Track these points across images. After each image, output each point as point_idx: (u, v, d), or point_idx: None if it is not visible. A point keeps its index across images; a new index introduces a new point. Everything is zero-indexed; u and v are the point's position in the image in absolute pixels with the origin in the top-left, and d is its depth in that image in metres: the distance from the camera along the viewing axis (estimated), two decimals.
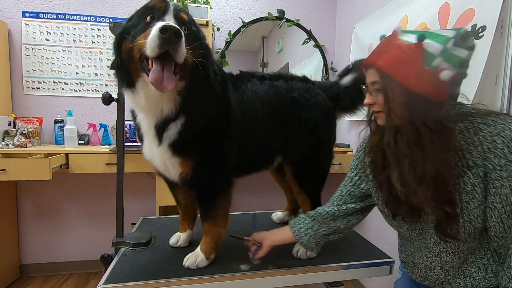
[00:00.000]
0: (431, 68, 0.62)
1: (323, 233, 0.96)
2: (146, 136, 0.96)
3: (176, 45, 0.72)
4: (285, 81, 1.14)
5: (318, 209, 1.00)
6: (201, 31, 0.88)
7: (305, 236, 0.97)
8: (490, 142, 0.60)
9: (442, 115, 0.65)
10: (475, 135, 0.62)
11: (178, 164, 0.95)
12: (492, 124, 0.61)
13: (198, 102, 0.90)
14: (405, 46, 0.64)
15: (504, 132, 0.60)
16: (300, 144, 1.12)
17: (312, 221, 0.98)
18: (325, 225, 0.96)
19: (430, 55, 0.62)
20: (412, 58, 0.63)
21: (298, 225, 0.99)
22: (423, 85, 0.63)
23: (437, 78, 0.62)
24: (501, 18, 1.08)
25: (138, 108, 0.91)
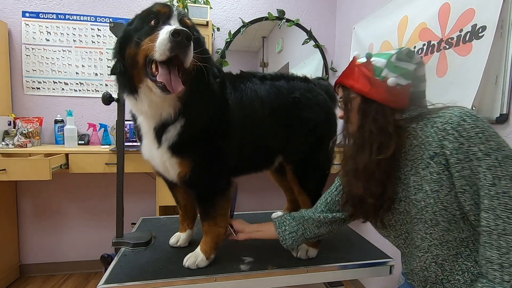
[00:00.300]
0: (380, 78, 0.76)
1: (305, 237, 0.98)
2: (146, 137, 0.97)
3: (187, 48, 0.73)
4: (286, 81, 1.14)
5: (303, 212, 1.01)
6: (202, 36, 0.89)
7: (289, 239, 0.98)
8: (443, 130, 0.67)
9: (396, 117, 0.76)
10: (431, 128, 0.70)
11: (177, 164, 0.95)
12: (442, 115, 0.69)
13: (198, 105, 0.91)
14: (359, 64, 0.79)
15: (452, 119, 0.67)
16: (301, 144, 1.12)
17: (297, 224, 0.99)
18: (309, 230, 0.98)
19: (377, 68, 0.76)
20: (364, 72, 0.77)
21: (283, 227, 1.00)
22: (376, 92, 0.76)
23: (387, 85, 0.75)
24: (501, 18, 1.08)
25: (139, 112, 0.92)
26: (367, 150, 0.76)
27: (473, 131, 0.63)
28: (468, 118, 0.65)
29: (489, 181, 0.62)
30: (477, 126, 0.64)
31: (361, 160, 0.77)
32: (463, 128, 0.64)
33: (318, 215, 0.97)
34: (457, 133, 0.65)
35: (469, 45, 1.20)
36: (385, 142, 0.74)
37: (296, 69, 2.52)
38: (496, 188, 0.61)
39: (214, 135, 0.97)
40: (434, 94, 1.37)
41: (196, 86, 0.86)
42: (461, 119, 0.65)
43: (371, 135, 0.76)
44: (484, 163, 0.62)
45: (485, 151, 0.62)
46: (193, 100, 0.88)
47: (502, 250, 0.60)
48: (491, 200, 0.61)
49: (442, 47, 1.34)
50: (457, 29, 1.26)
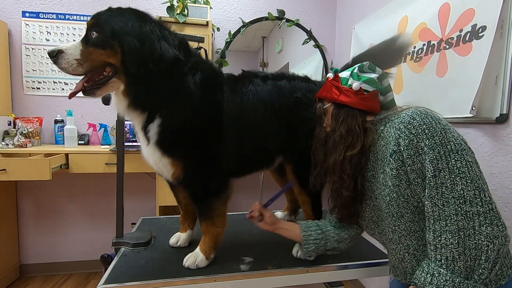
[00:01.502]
0: (347, 86, 0.88)
1: (326, 248, 1.00)
2: (139, 136, 1.02)
3: (54, 60, 0.83)
4: (288, 81, 1.14)
5: (327, 224, 1.03)
6: (119, 28, 0.85)
7: (312, 245, 0.99)
8: (398, 129, 0.73)
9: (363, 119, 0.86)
10: (392, 129, 0.77)
11: (169, 164, 0.97)
12: (399, 116, 0.76)
13: (171, 105, 0.93)
14: (330, 79, 0.93)
15: (404, 118, 0.73)
16: (302, 144, 1.12)
17: (323, 233, 1.00)
18: (330, 242, 1.00)
19: (344, 79, 0.90)
20: (335, 83, 0.90)
21: (309, 232, 1.00)
22: (345, 96, 0.87)
23: (353, 90, 0.86)
24: (501, 18, 1.08)
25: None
26: (338, 150, 0.86)
27: (420, 128, 0.69)
28: (417, 116, 0.71)
29: (431, 173, 0.67)
30: (424, 123, 0.69)
31: (334, 158, 0.87)
32: (412, 125, 0.70)
33: (339, 231, 1.00)
34: (408, 131, 0.71)
35: (469, 45, 1.20)
36: (352, 141, 0.84)
37: (296, 69, 2.52)
38: (436, 179, 0.67)
39: (202, 137, 0.98)
40: (434, 94, 1.38)
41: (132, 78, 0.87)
42: (411, 117, 0.72)
43: (341, 137, 0.85)
44: (428, 156, 0.68)
45: (429, 145, 0.68)
46: (162, 99, 0.92)
47: (436, 233, 0.67)
48: (430, 190, 0.68)
49: (442, 47, 1.34)
50: (457, 29, 1.26)
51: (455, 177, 0.65)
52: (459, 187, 0.65)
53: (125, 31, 0.84)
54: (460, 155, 0.66)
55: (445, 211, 0.66)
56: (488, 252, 0.62)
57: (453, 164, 0.66)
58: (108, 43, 0.84)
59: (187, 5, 2.06)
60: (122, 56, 0.85)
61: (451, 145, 0.67)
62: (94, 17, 0.86)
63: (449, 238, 0.65)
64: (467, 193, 0.64)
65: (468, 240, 0.63)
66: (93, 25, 0.85)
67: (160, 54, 0.86)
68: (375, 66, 0.90)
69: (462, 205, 0.64)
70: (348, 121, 0.86)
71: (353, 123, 0.85)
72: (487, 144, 1.18)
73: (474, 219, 0.63)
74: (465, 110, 1.19)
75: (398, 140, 0.73)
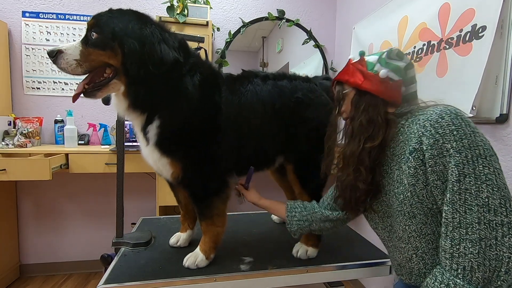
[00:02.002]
0: (373, 72, 0.81)
1: (311, 228, 1.03)
2: (138, 137, 1.02)
3: (53, 60, 0.84)
4: (289, 81, 1.14)
5: (315, 206, 1.04)
6: (120, 30, 0.85)
7: (295, 225, 1.04)
8: (423, 127, 0.70)
9: (386, 110, 0.81)
10: (415, 125, 0.73)
11: (168, 164, 0.97)
12: (425, 113, 0.72)
13: (170, 106, 0.93)
14: (353, 62, 0.86)
15: (431, 116, 0.69)
16: (302, 144, 1.12)
17: (307, 214, 1.03)
18: (316, 223, 1.02)
19: (370, 63, 0.83)
20: (359, 67, 0.84)
21: (293, 212, 1.05)
22: (370, 83, 0.81)
23: (379, 77, 0.80)
24: (501, 18, 1.08)
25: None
26: (356, 140, 0.81)
27: (448, 128, 0.65)
28: (446, 115, 0.67)
29: (455, 177, 0.64)
30: (453, 124, 0.65)
31: (351, 148, 0.82)
32: (440, 125, 0.67)
33: (327, 211, 1.01)
34: (434, 130, 0.67)
35: (469, 45, 1.20)
36: (373, 132, 0.79)
37: (296, 69, 2.52)
38: (460, 185, 0.63)
39: (200, 137, 0.98)
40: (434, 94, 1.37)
41: (132, 79, 0.87)
42: (439, 116, 0.67)
43: (361, 126, 0.80)
44: (454, 159, 0.64)
45: (456, 148, 0.64)
46: (161, 101, 0.92)
47: (455, 241, 0.64)
48: (453, 195, 0.64)
49: (442, 47, 1.34)
50: (457, 29, 1.26)
51: (481, 184, 0.62)
52: (484, 195, 0.61)
53: (126, 33, 0.85)
54: (488, 161, 0.63)
55: (466, 219, 0.62)
56: (509, 264, 0.60)
57: (480, 170, 0.62)
58: (108, 44, 0.84)
59: (187, 5, 2.06)
60: (123, 57, 0.85)
61: (480, 150, 0.63)
62: (94, 18, 0.86)
63: (469, 247, 0.62)
64: (492, 202, 0.61)
65: (489, 250, 0.60)
66: (93, 25, 0.86)
67: (160, 56, 0.86)
68: (403, 54, 0.84)
69: (486, 214, 0.61)
70: (370, 110, 0.80)
71: (375, 112, 0.79)
72: None
73: (497, 229, 0.60)
74: (465, 110, 1.18)
75: (421, 138, 0.69)
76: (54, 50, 0.82)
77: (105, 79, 0.88)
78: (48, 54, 0.83)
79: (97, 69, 0.88)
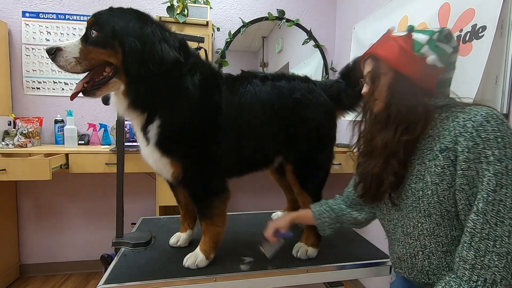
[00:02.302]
0: (419, 54, 0.71)
1: (343, 226, 1.03)
2: (138, 137, 1.02)
3: (52, 58, 0.83)
4: (287, 81, 1.14)
5: (342, 205, 1.02)
6: (121, 28, 0.85)
7: (328, 230, 1.01)
8: (462, 127, 0.65)
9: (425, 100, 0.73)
10: (451, 122, 0.68)
11: (168, 164, 0.97)
12: (468, 112, 0.67)
13: (170, 106, 0.93)
14: (397, 37, 0.74)
15: (476, 117, 0.64)
16: (301, 144, 1.12)
17: (337, 217, 1.00)
18: (346, 223, 1.01)
19: (418, 43, 0.72)
20: (403, 45, 0.72)
21: (323, 218, 1.01)
22: (413, 68, 0.71)
23: (425, 63, 0.71)
24: (501, 18, 1.08)
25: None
26: (391, 130, 0.73)
27: (493, 134, 0.62)
28: (492, 120, 0.63)
29: (491, 187, 0.61)
30: (499, 130, 0.62)
31: (383, 138, 0.75)
32: (484, 129, 0.63)
33: (355, 213, 0.99)
34: (476, 133, 0.63)
35: (469, 45, 1.20)
36: (413, 123, 0.71)
37: (296, 69, 2.52)
38: (495, 195, 0.60)
39: (200, 137, 0.98)
40: None
41: (132, 78, 0.87)
42: (485, 119, 0.63)
43: (399, 114, 0.73)
44: (493, 167, 0.61)
45: (498, 156, 0.61)
46: (161, 100, 0.92)
47: (480, 253, 0.61)
48: (486, 205, 0.61)
49: None
50: (457, 29, 1.26)
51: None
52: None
53: (127, 32, 0.84)
54: None
55: (496, 231, 0.60)
56: None
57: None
58: (108, 42, 0.84)
59: (187, 5, 2.06)
60: (123, 56, 0.85)
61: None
62: (94, 16, 0.86)
63: (495, 260, 0.59)
64: None
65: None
66: (94, 23, 0.85)
67: (161, 56, 0.86)
68: (452, 35, 0.74)
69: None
70: (410, 97, 0.72)
71: (416, 101, 0.72)
72: None
73: None
74: None
75: (458, 138, 0.65)
76: (53, 47, 0.82)
77: (105, 78, 0.88)
78: (46, 51, 0.83)
79: (97, 68, 0.87)
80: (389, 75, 0.75)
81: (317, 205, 1.05)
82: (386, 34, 0.78)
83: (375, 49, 0.78)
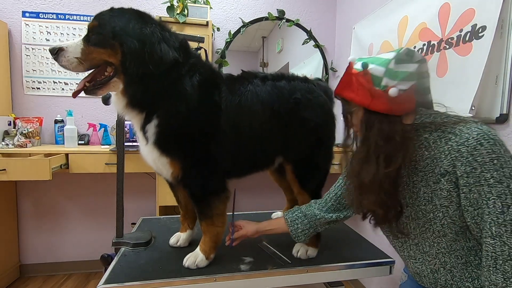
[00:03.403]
0: (381, 88, 0.70)
1: (316, 231, 1.05)
2: (138, 136, 1.03)
3: (55, 57, 0.85)
4: (287, 81, 1.14)
5: (314, 210, 1.03)
6: (120, 29, 0.86)
7: (302, 236, 1.03)
8: (457, 151, 0.65)
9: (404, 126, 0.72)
10: (445, 145, 0.68)
11: (167, 164, 0.98)
12: (459, 134, 0.67)
13: (168, 106, 0.94)
14: (356, 74, 0.74)
15: (468, 141, 0.64)
16: (301, 144, 1.12)
17: (309, 222, 1.03)
18: (320, 227, 1.04)
19: (376, 78, 0.71)
20: (363, 83, 0.72)
21: (295, 225, 1.03)
22: (378, 103, 0.71)
23: (389, 96, 0.70)
24: (501, 18, 1.08)
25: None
26: (373, 163, 0.72)
27: (489, 157, 0.62)
28: (485, 142, 0.63)
29: (498, 209, 0.61)
30: (493, 152, 0.62)
31: (368, 174, 0.73)
32: (479, 153, 0.63)
33: (331, 215, 1.00)
34: (472, 157, 0.63)
35: (469, 45, 1.20)
36: (392, 153, 0.71)
37: (296, 69, 2.52)
38: (505, 216, 0.61)
39: (199, 137, 0.98)
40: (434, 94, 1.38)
41: (130, 77, 0.88)
42: (478, 142, 0.63)
43: (377, 147, 0.72)
44: (495, 190, 0.61)
45: (497, 178, 0.61)
46: (160, 100, 0.93)
47: (507, 274, 0.61)
48: (498, 227, 0.62)
49: (442, 47, 1.34)
50: (457, 29, 1.26)
51: None
52: None
53: (126, 32, 0.85)
54: None
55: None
56: None
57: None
58: (108, 42, 0.85)
59: (187, 5, 2.06)
60: (122, 56, 0.86)
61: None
62: (96, 17, 0.88)
63: None
64: None
65: None
66: (95, 24, 0.86)
67: (160, 56, 0.87)
68: (413, 51, 0.73)
69: None
70: (385, 128, 0.71)
71: (391, 130, 0.71)
72: None
73: None
74: (464, 110, 1.19)
75: (455, 162, 0.65)
76: (56, 47, 0.83)
77: (106, 78, 0.89)
78: (49, 51, 0.85)
79: (99, 68, 0.89)
80: (360, 111, 0.75)
81: (290, 212, 1.08)
82: (347, 70, 0.77)
83: (342, 90, 0.78)
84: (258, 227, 1.09)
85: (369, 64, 0.72)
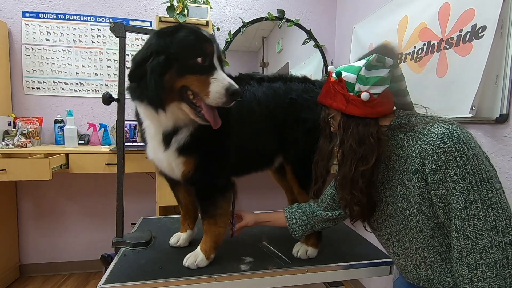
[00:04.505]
0: (354, 93, 0.77)
1: (314, 229, 1.08)
2: (152, 140, 1.01)
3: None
4: (283, 82, 1.15)
5: (312, 208, 1.08)
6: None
7: (299, 231, 1.07)
8: (424, 150, 0.69)
9: (378, 127, 0.78)
10: (416, 144, 0.72)
11: (182, 163, 0.98)
12: (426, 133, 0.70)
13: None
14: (333, 82, 0.81)
15: (433, 140, 0.68)
16: (300, 144, 1.12)
17: (307, 218, 1.07)
18: (317, 224, 1.07)
19: (349, 84, 0.78)
20: (339, 89, 0.79)
21: (294, 220, 1.08)
22: (353, 107, 0.77)
23: (361, 100, 0.76)
24: (501, 18, 1.08)
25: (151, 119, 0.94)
26: (348, 163, 0.79)
27: (451, 155, 0.65)
28: (449, 140, 0.66)
29: (461, 204, 0.64)
30: (456, 150, 0.65)
31: (344, 171, 0.81)
32: (442, 151, 0.66)
33: (327, 213, 1.05)
34: (436, 156, 0.66)
35: (469, 45, 1.20)
36: (366, 154, 0.76)
37: (296, 69, 2.52)
38: (467, 211, 0.64)
39: (220, 135, 0.98)
40: (434, 94, 1.38)
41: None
42: (441, 141, 0.66)
43: (351, 149, 0.78)
44: (459, 186, 0.64)
45: (460, 175, 0.64)
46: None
47: (471, 266, 0.64)
48: (462, 222, 0.65)
49: (442, 47, 1.34)
50: (457, 29, 1.26)
51: (487, 208, 0.63)
52: (491, 218, 0.62)
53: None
54: (490, 183, 0.63)
55: (479, 244, 0.63)
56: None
57: (484, 195, 0.63)
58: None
59: (187, 5, 2.06)
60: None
61: (483, 174, 0.64)
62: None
63: (486, 271, 0.62)
64: (499, 223, 0.62)
65: (503, 270, 0.61)
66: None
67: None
68: (383, 57, 0.77)
69: (495, 236, 0.62)
70: (360, 131, 0.77)
71: (365, 133, 0.77)
72: (487, 144, 1.18)
73: (507, 249, 0.62)
74: (465, 110, 1.19)
75: (423, 160, 0.69)
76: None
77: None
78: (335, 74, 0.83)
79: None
80: (338, 116, 0.82)
81: (290, 207, 1.13)
82: (327, 79, 0.85)
83: (322, 98, 0.86)
84: (257, 218, 1.14)
85: (342, 72, 0.79)
